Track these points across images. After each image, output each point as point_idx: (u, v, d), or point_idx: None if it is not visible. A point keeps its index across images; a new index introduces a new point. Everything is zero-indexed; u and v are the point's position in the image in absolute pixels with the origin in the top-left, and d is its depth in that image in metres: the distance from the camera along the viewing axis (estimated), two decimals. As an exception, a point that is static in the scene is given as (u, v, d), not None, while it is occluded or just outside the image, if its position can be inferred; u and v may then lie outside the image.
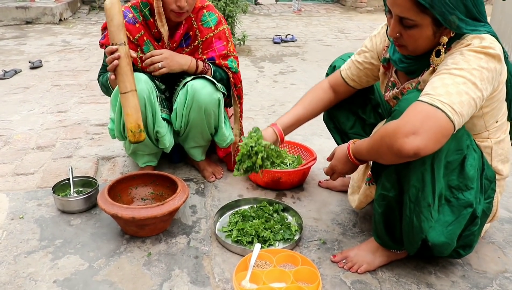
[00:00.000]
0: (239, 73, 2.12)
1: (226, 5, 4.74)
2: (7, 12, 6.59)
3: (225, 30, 2.06)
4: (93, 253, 1.63)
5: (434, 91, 1.19)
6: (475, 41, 1.24)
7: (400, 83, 1.53)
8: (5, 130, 2.75)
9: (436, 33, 1.29)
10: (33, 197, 1.98)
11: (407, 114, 1.20)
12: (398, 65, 1.47)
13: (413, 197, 1.33)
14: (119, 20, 1.69)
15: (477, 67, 1.21)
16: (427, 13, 1.23)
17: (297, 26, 7.38)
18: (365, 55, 1.67)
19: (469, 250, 1.48)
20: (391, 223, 1.48)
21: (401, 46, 1.37)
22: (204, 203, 1.98)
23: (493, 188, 1.45)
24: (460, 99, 1.18)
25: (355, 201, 1.73)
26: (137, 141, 1.70)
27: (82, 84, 3.77)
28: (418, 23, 1.26)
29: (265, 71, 4.41)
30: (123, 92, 1.68)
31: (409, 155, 1.18)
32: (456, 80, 1.20)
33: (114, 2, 1.69)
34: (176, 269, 1.55)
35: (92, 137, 2.66)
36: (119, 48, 1.67)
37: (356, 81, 1.73)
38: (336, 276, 1.53)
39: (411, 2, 1.23)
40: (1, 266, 1.54)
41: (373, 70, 1.67)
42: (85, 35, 6.00)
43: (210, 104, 1.93)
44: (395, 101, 1.57)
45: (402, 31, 1.31)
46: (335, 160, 1.57)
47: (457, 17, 1.23)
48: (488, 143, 1.44)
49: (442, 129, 1.17)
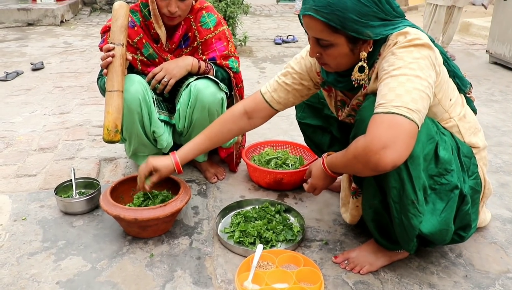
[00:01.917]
0: (240, 73, 2.13)
1: (227, 6, 4.75)
2: (9, 14, 6.60)
3: (225, 30, 2.07)
4: (95, 254, 1.63)
5: (384, 99, 1.21)
6: (400, 38, 1.27)
7: (348, 99, 1.55)
8: (7, 131, 2.76)
9: (353, 49, 1.32)
10: (36, 198, 1.99)
11: (370, 130, 1.20)
12: (336, 86, 1.49)
13: (395, 198, 1.34)
14: (123, 22, 1.77)
15: (413, 60, 1.22)
16: (340, 32, 1.27)
17: (298, 26, 7.37)
18: (293, 76, 1.64)
19: (470, 230, 1.48)
20: (383, 227, 1.50)
21: (325, 64, 1.41)
22: (206, 204, 1.98)
23: (474, 163, 1.46)
24: (411, 97, 1.18)
25: (348, 217, 1.73)
26: (111, 140, 1.72)
27: (83, 85, 3.78)
28: (333, 43, 1.31)
29: (266, 72, 4.41)
30: (109, 90, 1.73)
31: (388, 168, 1.18)
32: (400, 80, 1.21)
33: (123, 5, 1.80)
34: (179, 270, 1.55)
35: (94, 138, 2.67)
36: (116, 48, 1.74)
37: (281, 103, 1.67)
38: (339, 276, 1.53)
39: (323, 24, 1.27)
40: (4, 268, 1.55)
41: (302, 91, 1.66)
42: (86, 36, 6.01)
43: (213, 104, 1.93)
44: (351, 118, 1.58)
45: (320, 51, 1.36)
46: (314, 178, 1.57)
47: (373, 27, 1.26)
48: (452, 122, 1.45)
49: (407, 132, 1.17)
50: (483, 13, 7.77)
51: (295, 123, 2.09)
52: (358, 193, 1.60)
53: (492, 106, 3.41)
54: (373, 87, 1.36)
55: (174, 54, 2.03)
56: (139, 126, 1.92)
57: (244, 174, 2.26)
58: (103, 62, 1.74)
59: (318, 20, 1.27)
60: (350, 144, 1.29)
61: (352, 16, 1.23)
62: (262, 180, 2.11)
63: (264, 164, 2.16)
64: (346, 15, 1.23)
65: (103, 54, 1.75)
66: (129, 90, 1.81)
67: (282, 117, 3.09)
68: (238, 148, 2.25)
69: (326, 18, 1.25)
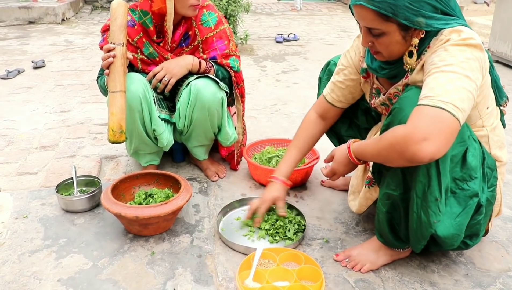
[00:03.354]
0: (241, 72, 2.13)
1: (228, 4, 4.75)
2: (10, 12, 6.61)
3: (226, 29, 2.06)
4: (96, 252, 1.63)
5: (432, 92, 1.20)
6: (453, 36, 1.26)
7: (384, 88, 1.55)
8: (8, 129, 2.76)
9: (405, 36, 1.32)
10: (37, 196, 1.99)
11: (413, 120, 1.19)
12: (379, 73, 1.49)
13: (420, 192, 1.33)
14: (122, 21, 1.75)
15: (464, 60, 1.22)
16: (391, 20, 1.27)
17: (299, 25, 7.37)
18: (344, 73, 1.67)
19: (476, 239, 1.48)
20: (395, 222, 1.49)
21: (377, 53, 1.41)
22: (207, 202, 1.99)
23: (495, 176, 1.46)
24: (459, 95, 1.18)
25: (356, 205, 1.73)
26: (116, 141, 1.72)
27: (84, 83, 3.78)
28: (385, 31, 1.30)
29: (267, 70, 4.41)
30: (112, 90, 1.72)
31: (425, 161, 1.18)
32: (450, 77, 1.20)
33: (121, 3, 1.78)
34: (180, 268, 1.56)
35: (95, 136, 2.67)
36: (117, 48, 1.72)
37: (343, 101, 1.72)
38: (339, 275, 1.53)
39: (374, 13, 1.27)
40: (5, 265, 1.55)
41: (356, 86, 1.67)
42: (87, 34, 6.01)
43: (213, 103, 1.93)
44: (383, 107, 1.58)
45: (373, 40, 1.36)
46: (336, 163, 1.57)
47: (424, 16, 1.25)
48: (484, 131, 1.45)
49: (450, 129, 1.17)
50: (485, 12, 7.77)
51: (296, 121, 2.10)
52: (372, 183, 1.60)
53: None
54: (415, 78, 1.36)
55: (174, 52, 2.03)
56: (140, 125, 1.92)
57: (245, 172, 2.26)
58: (104, 63, 1.73)
59: (369, 9, 1.27)
60: (385, 131, 1.29)
61: (404, 3, 1.22)
62: (263, 179, 2.11)
63: (265, 163, 2.16)
64: (397, 2, 1.22)
65: (103, 54, 1.75)
66: (130, 89, 1.81)
67: (283, 115, 3.10)
68: (239, 146, 2.25)
69: (377, 6, 1.25)
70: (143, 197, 1.80)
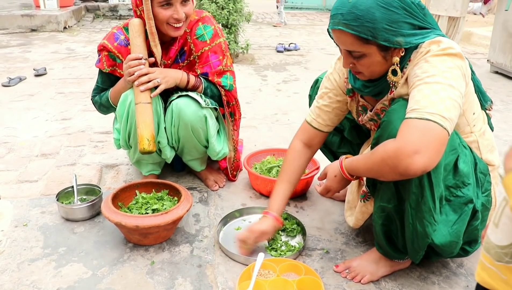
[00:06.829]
0: (235, 89, 2.08)
1: (229, 14, 4.78)
2: (13, 20, 6.64)
3: (221, 43, 2.02)
4: (96, 261, 1.63)
5: (418, 105, 1.22)
6: (433, 47, 1.28)
7: (370, 105, 1.56)
8: (9, 137, 2.76)
9: (386, 56, 1.34)
10: (37, 204, 1.99)
11: (402, 134, 1.21)
12: (363, 91, 1.50)
13: (413, 203, 1.34)
14: (143, 38, 1.85)
15: (446, 69, 1.24)
16: (371, 43, 1.29)
17: (300, 35, 7.41)
18: (328, 96, 1.66)
19: (476, 245, 1.49)
20: (392, 234, 1.49)
21: (359, 73, 1.43)
22: (207, 212, 1.99)
23: (489, 180, 1.47)
24: (445, 105, 1.20)
25: (353, 220, 1.73)
26: (150, 151, 1.76)
27: (86, 91, 3.79)
28: (365, 53, 1.32)
29: (268, 80, 4.42)
30: (144, 102, 1.78)
31: (417, 174, 1.19)
32: (434, 88, 1.22)
33: (142, 22, 1.86)
34: (180, 278, 1.55)
35: (96, 145, 2.67)
36: (144, 61, 1.81)
37: (329, 125, 1.70)
38: (339, 286, 1.53)
39: (354, 37, 1.29)
40: (4, 274, 1.55)
41: (342, 106, 1.67)
42: (89, 43, 6.04)
43: (195, 122, 1.91)
44: (372, 123, 1.60)
45: (354, 62, 1.38)
46: (329, 180, 1.57)
47: (403, 35, 1.28)
48: (473, 137, 1.47)
49: (440, 139, 1.19)
50: (484, 23, 7.81)
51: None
52: (366, 197, 1.60)
53: (493, 116, 3.37)
54: (400, 92, 1.38)
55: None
56: None
57: (246, 182, 2.26)
58: (137, 72, 1.78)
59: (348, 34, 1.29)
60: (377, 146, 1.30)
61: (382, 25, 1.25)
62: (264, 189, 2.11)
63: (266, 173, 2.17)
64: (376, 25, 1.24)
65: (128, 63, 1.79)
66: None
67: (283, 125, 3.10)
68: (232, 162, 2.23)
69: (356, 30, 1.26)
70: (144, 207, 1.80)
